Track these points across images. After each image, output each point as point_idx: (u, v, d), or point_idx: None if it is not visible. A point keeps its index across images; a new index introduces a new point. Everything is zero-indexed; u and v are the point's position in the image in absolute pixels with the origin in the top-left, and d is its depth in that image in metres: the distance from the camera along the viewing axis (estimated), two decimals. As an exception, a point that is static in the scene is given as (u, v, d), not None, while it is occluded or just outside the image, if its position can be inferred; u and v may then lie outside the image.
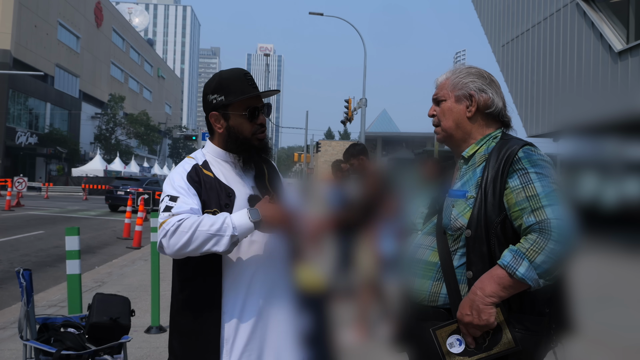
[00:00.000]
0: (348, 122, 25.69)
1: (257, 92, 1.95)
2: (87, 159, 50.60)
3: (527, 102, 18.10)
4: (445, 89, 1.89)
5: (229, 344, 1.85)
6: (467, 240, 1.71)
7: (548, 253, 1.59)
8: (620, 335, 4.82)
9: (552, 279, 1.61)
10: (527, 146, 1.75)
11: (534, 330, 1.67)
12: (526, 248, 1.61)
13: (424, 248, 1.82)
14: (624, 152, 13.50)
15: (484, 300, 1.65)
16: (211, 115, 1.96)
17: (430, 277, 1.77)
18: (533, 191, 1.66)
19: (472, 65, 1.93)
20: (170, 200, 1.84)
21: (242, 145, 1.95)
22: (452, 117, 1.87)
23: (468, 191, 1.76)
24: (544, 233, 1.61)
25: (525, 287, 1.62)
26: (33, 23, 43.43)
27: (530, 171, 1.69)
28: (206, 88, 1.98)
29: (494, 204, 1.70)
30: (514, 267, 1.61)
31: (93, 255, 10.01)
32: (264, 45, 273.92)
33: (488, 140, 1.84)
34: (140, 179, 24.37)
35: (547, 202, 1.64)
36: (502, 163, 1.72)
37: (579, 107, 14.73)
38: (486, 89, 1.85)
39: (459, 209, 1.75)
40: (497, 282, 1.64)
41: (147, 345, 4.47)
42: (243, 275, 1.88)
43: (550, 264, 1.59)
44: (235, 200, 1.89)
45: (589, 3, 14.28)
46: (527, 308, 1.68)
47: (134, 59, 73.34)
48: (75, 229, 3.92)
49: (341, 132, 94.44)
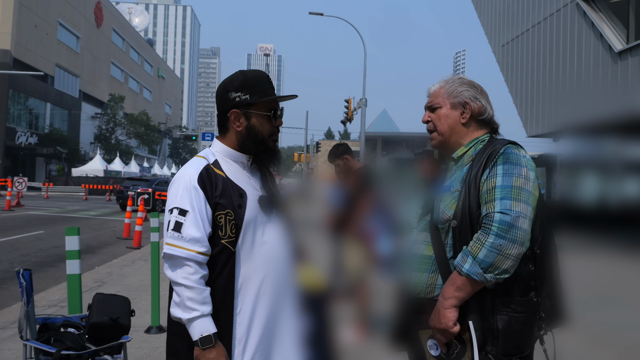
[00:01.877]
0: (348, 122, 25.68)
1: (279, 96, 1.99)
2: (87, 159, 50.62)
3: (527, 102, 18.11)
4: (441, 97, 2.01)
5: (241, 345, 1.85)
6: (453, 230, 1.80)
7: (489, 247, 1.66)
8: (621, 335, 4.82)
9: (503, 272, 1.67)
10: (509, 144, 1.85)
11: (520, 312, 1.72)
12: (470, 245, 1.71)
13: (419, 243, 1.92)
14: (624, 152, 13.51)
15: (443, 304, 1.73)
16: (231, 113, 1.94)
17: (426, 270, 1.86)
18: (493, 184, 1.75)
19: (463, 76, 2.06)
20: (179, 215, 1.83)
21: (260, 145, 1.95)
22: (447, 122, 1.98)
23: (453, 186, 1.86)
24: (485, 227, 1.70)
25: (477, 285, 1.69)
26: (33, 23, 43.43)
27: (499, 165, 1.78)
28: (228, 85, 1.96)
29: (476, 196, 1.78)
30: (460, 265, 1.71)
31: (93, 255, 10.01)
32: (264, 45, 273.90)
33: (476, 143, 1.95)
34: (150, 180, 24.88)
35: (499, 195, 1.72)
36: (485, 159, 1.82)
37: (579, 107, 14.73)
38: (479, 97, 1.98)
39: (446, 202, 1.85)
40: (452, 284, 1.73)
41: (147, 345, 4.47)
42: (255, 276, 1.88)
43: (492, 258, 1.66)
44: (247, 201, 1.89)
45: (589, 3, 14.28)
46: (513, 292, 1.73)
47: (134, 59, 73.35)
48: (75, 229, 3.92)
49: (341, 132, 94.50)
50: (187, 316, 1.77)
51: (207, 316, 1.78)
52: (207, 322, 1.78)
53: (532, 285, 1.76)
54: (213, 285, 1.84)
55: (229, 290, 1.85)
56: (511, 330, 1.71)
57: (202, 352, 1.76)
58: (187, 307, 1.77)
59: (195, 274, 1.79)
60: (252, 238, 1.88)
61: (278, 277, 1.92)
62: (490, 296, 1.72)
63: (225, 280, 1.85)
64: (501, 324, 1.71)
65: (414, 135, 46.50)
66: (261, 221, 1.92)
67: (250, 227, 1.88)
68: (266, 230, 1.92)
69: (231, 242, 1.84)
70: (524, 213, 1.70)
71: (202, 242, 1.81)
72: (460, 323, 1.73)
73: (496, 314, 1.72)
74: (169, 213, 1.86)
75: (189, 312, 1.77)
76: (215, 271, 1.84)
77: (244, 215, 1.86)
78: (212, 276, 1.85)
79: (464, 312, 1.74)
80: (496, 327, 1.71)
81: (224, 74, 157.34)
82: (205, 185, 1.86)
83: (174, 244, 1.81)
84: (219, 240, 1.84)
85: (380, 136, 49.20)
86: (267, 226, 1.93)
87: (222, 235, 1.84)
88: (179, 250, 1.80)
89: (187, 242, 1.80)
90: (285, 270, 1.95)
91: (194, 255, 1.80)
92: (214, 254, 1.84)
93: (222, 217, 1.85)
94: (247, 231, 1.87)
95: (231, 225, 1.85)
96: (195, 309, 1.76)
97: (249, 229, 1.88)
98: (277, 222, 1.98)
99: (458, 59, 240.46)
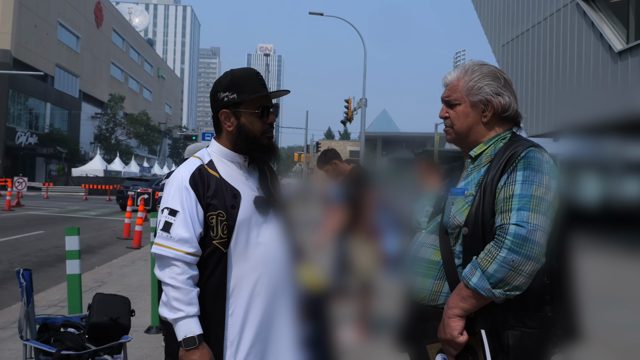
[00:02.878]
0: (348, 122, 25.68)
1: (269, 92, 1.95)
2: (87, 159, 50.57)
3: (527, 102, 18.10)
4: (459, 92, 1.81)
5: (233, 346, 1.84)
6: (464, 238, 1.67)
7: (500, 262, 1.54)
8: (621, 335, 4.82)
9: (514, 289, 1.55)
10: (532, 147, 1.68)
11: (533, 327, 1.61)
12: (481, 257, 1.59)
13: (427, 247, 1.80)
14: (624, 152, 13.49)
15: (447, 313, 1.63)
16: (221, 113, 1.94)
17: (431, 276, 1.74)
18: (511, 192, 1.61)
19: (482, 63, 1.84)
20: (169, 215, 1.83)
21: (252, 143, 1.93)
22: (466, 122, 1.80)
23: (468, 189, 1.72)
24: (498, 239, 1.56)
25: (484, 299, 1.58)
26: (33, 23, 43.40)
27: (519, 171, 1.63)
28: (217, 86, 1.96)
29: (491, 202, 1.65)
30: (468, 277, 1.59)
31: (93, 255, 10.00)
32: (264, 45, 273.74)
33: (496, 140, 1.78)
34: (150, 180, 24.87)
35: (517, 205, 1.58)
36: (504, 163, 1.67)
37: (579, 107, 14.73)
38: (502, 91, 1.77)
39: (458, 207, 1.71)
40: (457, 294, 1.62)
41: (147, 345, 4.47)
42: (248, 277, 1.87)
43: (503, 274, 1.54)
44: (241, 201, 1.88)
45: (589, 3, 14.28)
46: (527, 306, 1.62)
47: (134, 59, 73.31)
48: (75, 229, 3.92)
49: (341, 132, 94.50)
50: (172, 316, 1.77)
51: (192, 317, 1.77)
52: (192, 323, 1.77)
53: (547, 300, 1.64)
54: (204, 286, 1.83)
55: (221, 291, 1.84)
56: (523, 346, 1.59)
57: (186, 353, 1.75)
58: (173, 307, 1.77)
59: (183, 275, 1.78)
60: (246, 239, 1.87)
61: (274, 278, 1.90)
62: (502, 310, 1.60)
63: (217, 281, 1.83)
64: (512, 340, 1.59)
65: (414, 135, 46.55)
66: (256, 222, 1.90)
67: (243, 227, 1.86)
68: (262, 231, 1.91)
69: (223, 243, 1.83)
70: (542, 226, 1.55)
71: (190, 242, 1.80)
72: (472, 333, 1.62)
73: (507, 328, 1.60)
74: (160, 213, 1.87)
75: (174, 312, 1.77)
76: (207, 272, 1.83)
77: (236, 216, 1.85)
78: (204, 277, 1.83)
79: (474, 323, 1.63)
80: (507, 343, 1.60)
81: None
82: (197, 185, 1.86)
83: (163, 243, 1.81)
84: (210, 241, 1.84)
85: (380, 136, 49.21)
86: (263, 227, 1.91)
87: (213, 236, 1.83)
88: (167, 250, 1.80)
89: (175, 242, 1.80)
90: (281, 272, 1.93)
91: (182, 256, 1.79)
92: (206, 254, 1.83)
93: (213, 217, 1.84)
94: (240, 232, 1.86)
95: (223, 226, 1.83)
96: (181, 310, 1.76)
97: (242, 230, 1.86)
98: (274, 223, 1.95)
99: (458, 59, 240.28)
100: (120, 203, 22.20)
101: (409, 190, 3.93)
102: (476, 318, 1.63)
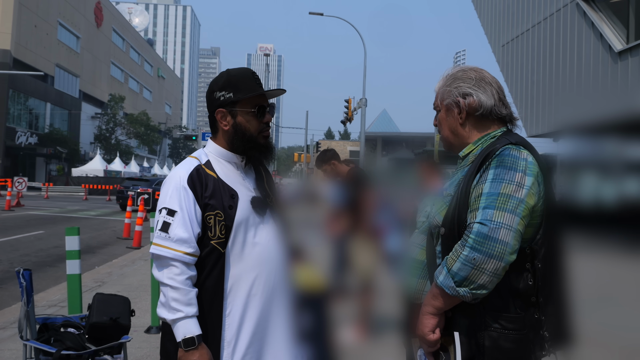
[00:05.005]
0: (348, 122, 25.69)
1: (265, 91, 1.95)
2: (87, 159, 50.58)
3: (527, 102, 18.11)
4: (437, 99, 1.86)
5: (230, 346, 1.84)
6: (442, 238, 1.67)
7: (463, 260, 1.53)
8: (618, 335, 4.82)
9: (479, 287, 1.53)
10: (509, 145, 1.66)
11: (510, 329, 1.59)
12: (449, 256, 1.58)
13: (415, 246, 1.82)
14: (624, 152, 13.49)
15: (422, 310, 1.65)
16: (217, 112, 1.94)
17: (416, 275, 1.77)
18: (480, 190, 1.60)
19: (462, 67, 1.86)
20: (168, 215, 1.83)
21: (248, 142, 1.93)
22: (447, 126, 1.83)
23: (447, 189, 1.73)
24: (463, 239, 1.56)
25: (453, 298, 1.57)
26: (33, 23, 43.40)
27: (491, 169, 1.61)
28: (213, 86, 1.97)
29: (466, 202, 1.63)
30: (436, 276, 1.60)
31: (93, 255, 10.01)
32: (264, 45, 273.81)
33: (484, 140, 1.77)
34: (150, 180, 24.84)
35: (483, 203, 1.56)
36: (480, 161, 1.66)
37: (579, 107, 14.74)
38: (470, 91, 1.76)
39: (437, 207, 1.73)
40: (430, 292, 1.63)
41: (147, 345, 4.47)
42: (246, 277, 1.87)
43: (467, 272, 1.52)
44: (239, 201, 1.88)
45: (589, 3, 14.28)
46: (508, 308, 1.60)
47: (134, 59, 73.31)
48: (75, 229, 3.93)
49: (341, 132, 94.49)
50: (171, 317, 1.77)
51: (191, 317, 1.77)
52: (191, 323, 1.77)
53: (533, 302, 1.62)
54: (202, 286, 1.83)
55: (218, 292, 1.84)
56: (499, 348, 1.57)
57: (185, 353, 1.75)
58: (172, 307, 1.77)
59: (181, 275, 1.78)
60: (243, 239, 1.87)
61: (271, 278, 1.90)
62: (479, 310, 1.59)
63: (215, 282, 1.84)
64: (488, 341, 1.58)
65: (414, 135, 46.54)
66: (253, 222, 1.90)
67: (241, 228, 1.86)
68: (258, 231, 1.91)
69: (221, 243, 1.83)
70: (508, 224, 1.52)
71: (189, 242, 1.80)
72: (449, 334, 1.62)
73: (484, 329, 1.59)
74: (158, 213, 1.87)
75: (173, 312, 1.77)
76: (205, 272, 1.83)
77: (234, 216, 1.85)
78: (201, 277, 1.84)
79: (452, 323, 1.63)
80: (482, 344, 1.58)
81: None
82: (195, 185, 1.85)
83: (161, 244, 1.81)
84: (208, 241, 1.83)
85: (380, 136, 49.22)
86: (260, 227, 1.92)
87: (211, 236, 1.83)
88: (166, 251, 1.80)
89: (174, 242, 1.80)
90: (278, 272, 1.93)
91: (181, 256, 1.79)
92: (204, 254, 1.83)
93: (211, 217, 1.84)
94: (237, 232, 1.86)
95: (220, 226, 1.83)
96: (180, 310, 1.76)
97: (239, 230, 1.86)
98: (271, 223, 1.96)
99: (458, 59, 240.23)
100: (120, 203, 22.22)
101: (410, 189, 3.93)
102: (454, 318, 1.62)
